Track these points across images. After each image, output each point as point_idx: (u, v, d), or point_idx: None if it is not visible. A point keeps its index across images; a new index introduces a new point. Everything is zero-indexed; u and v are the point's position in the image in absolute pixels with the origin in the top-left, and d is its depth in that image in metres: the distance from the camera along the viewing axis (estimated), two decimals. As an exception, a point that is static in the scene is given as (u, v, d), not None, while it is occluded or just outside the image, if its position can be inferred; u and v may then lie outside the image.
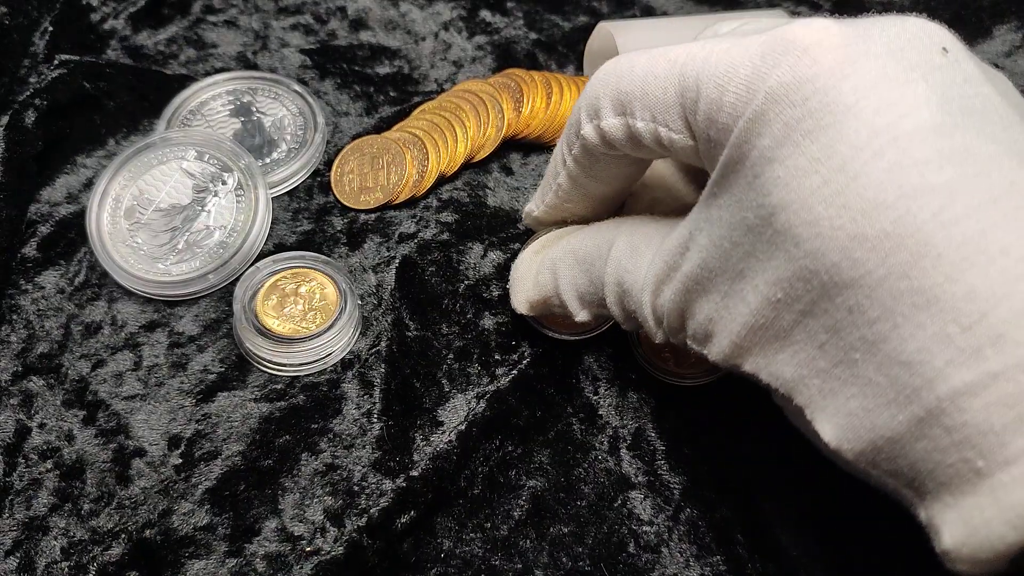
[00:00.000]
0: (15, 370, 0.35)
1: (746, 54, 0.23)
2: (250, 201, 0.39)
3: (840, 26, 0.22)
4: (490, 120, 0.41)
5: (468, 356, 0.36)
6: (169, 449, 0.34)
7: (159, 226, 0.38)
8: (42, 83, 0.41)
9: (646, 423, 0.34)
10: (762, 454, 0.35)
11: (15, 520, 0.32)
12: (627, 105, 0.26)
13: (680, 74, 0.24)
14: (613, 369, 0.36)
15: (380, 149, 0.41)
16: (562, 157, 0.30)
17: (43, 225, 0.39)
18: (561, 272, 0.31)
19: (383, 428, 0.34)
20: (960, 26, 0.51)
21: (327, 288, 0.37)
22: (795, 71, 0.22)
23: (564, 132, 0.30)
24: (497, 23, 0.49)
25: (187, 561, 0.31)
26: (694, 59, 0.24)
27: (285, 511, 0.32)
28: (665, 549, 0.32)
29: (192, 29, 0.47)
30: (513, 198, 0.42)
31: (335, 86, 0.46)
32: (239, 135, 0.42)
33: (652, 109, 0.25)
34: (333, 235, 0.40)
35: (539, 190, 0.33)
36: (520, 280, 0.33)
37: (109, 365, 0.36)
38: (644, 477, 0.33)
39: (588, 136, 0.28)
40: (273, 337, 0.35)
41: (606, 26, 0.42)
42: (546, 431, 0.35)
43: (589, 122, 0.27)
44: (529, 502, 0.33)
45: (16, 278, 0.38)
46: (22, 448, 0.34)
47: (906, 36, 0.23)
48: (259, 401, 0.35)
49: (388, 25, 0.49)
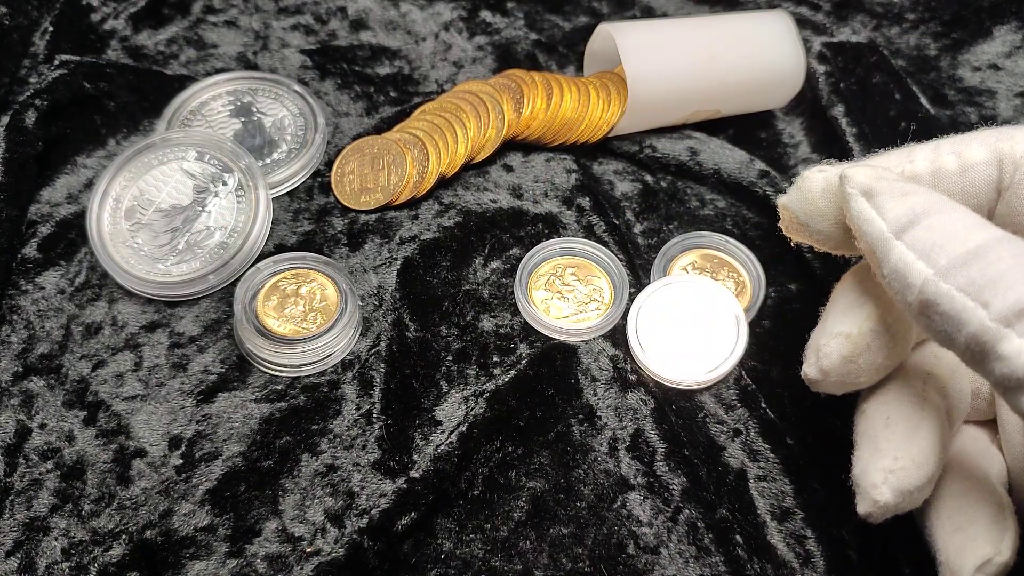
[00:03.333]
0: (15, 370, 0.35)
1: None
2: (251, 202, 0.39)
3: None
4: (490, 121, 0.41)
5: (467, 357, 0.36)
6: (170, 450, 0.34)
7: (160, 227, 0.38)
8: (42, 83, 0.41)
9: (645, 424, 0.34)
10: (762, 454, 0.35)
11: (16, 520, 0.32)
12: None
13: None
14: (612, 370, 0.36)
15: (381, 150, 0.41)
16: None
17: (43, 225, 0.39)
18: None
19: (383, 428, 0.34)
20: (960, 26, 0.52)
21: (328, 289, 0.37)
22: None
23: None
24: (497, 23, 0.49)
25: (187, 562, 0.31)
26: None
27: (285, 512, 0.32)
28: (664, 550, 0.32)
29: (192, 29, 0.47)
30: (513, 199, 0.42)
31: (335, 86, 0.46)
32: (239, 135, 0.42)
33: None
34: (334, 236, 0.40)
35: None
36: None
37: (110, 365, 0.36)
38: (643, 478, 0.34)
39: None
40: (274, 338, 0.35)
41: (606, 27, 0.42)
42: (546, 432, 0.35)
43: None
44: (529, 503, 0.33)
45: (16, 278, 0.38)
46: (22, 448, 0.34)
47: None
48: (259, 402, 0.35)
49: (388, 25, 0.49)
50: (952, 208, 0.25)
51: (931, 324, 0.24)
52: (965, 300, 0.22)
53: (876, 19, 0.53)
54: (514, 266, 0.39)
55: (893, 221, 0.25)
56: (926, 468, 0.27)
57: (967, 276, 0.23)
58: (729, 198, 0.44)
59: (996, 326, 0.22)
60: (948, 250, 0.23)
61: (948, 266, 0.23)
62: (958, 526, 0.27)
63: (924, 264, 0.24)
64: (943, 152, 0.27)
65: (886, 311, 0.28)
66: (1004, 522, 0.27)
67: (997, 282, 0.22)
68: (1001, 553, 0.26)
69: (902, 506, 0.27)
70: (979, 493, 0.28)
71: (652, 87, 0.41)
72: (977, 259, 0.23)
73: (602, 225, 0.41)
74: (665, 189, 0.44)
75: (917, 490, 0.26)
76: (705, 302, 0.37)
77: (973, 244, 0.23)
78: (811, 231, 0.29)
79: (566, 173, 0.43)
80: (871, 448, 0.27)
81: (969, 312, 0.22)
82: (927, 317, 0.24)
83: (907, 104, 0.46)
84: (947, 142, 0.28)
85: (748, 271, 0.39)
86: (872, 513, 0.26)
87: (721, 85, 0.43)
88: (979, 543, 0.27)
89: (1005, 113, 0.48)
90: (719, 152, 0.44)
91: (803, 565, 0.32)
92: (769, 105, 0.46)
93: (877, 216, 0.25)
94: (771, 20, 0.44)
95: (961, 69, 0.50)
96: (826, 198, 0.28)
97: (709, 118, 0.45)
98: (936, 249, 0.24)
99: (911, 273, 0.24)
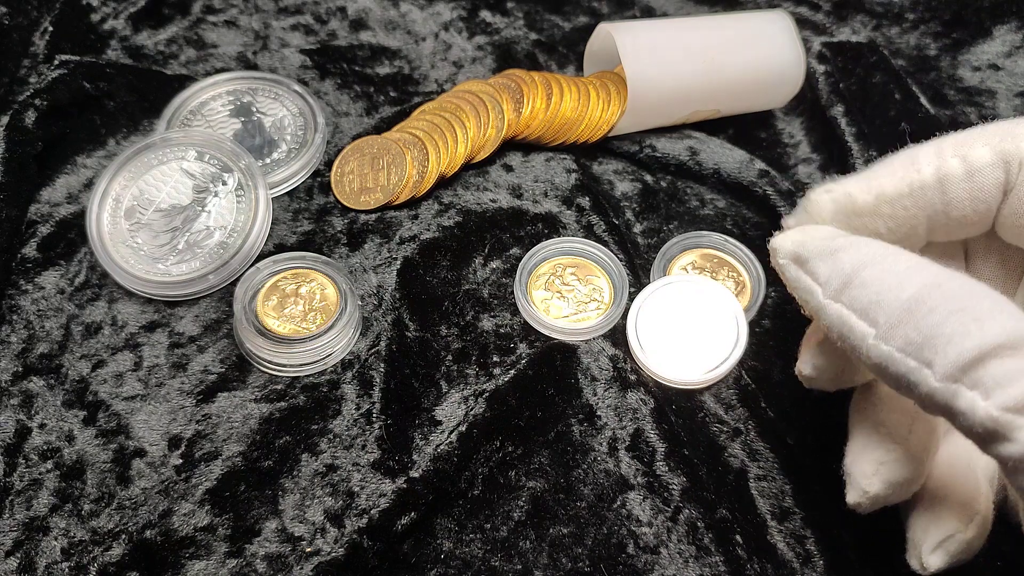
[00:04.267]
0: (15, 370, 0.35)
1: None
2: (250, 201, 0.39)
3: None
4: (490, 121, 0.41)
5: (467, 357, 0.36)
6: (169, 449, 0.34)
7: (159, 226, 0.38)
8: (42, 83, 0.41)
9: (645, 424, 0.34)
10: (762, 454, 0.35)
11: (15, 520, 0.32)
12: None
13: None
14: (612, 370, 0.36)
15: (380, 149, 0.41)
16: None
17: (43, 225, 0.39)
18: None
19: (383, 428, 0.34)
20: (960, 26, 0.52)
21: (327, 289, 0.37)
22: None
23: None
24: (497, 23, 0.49)
25: (187, 562, 0.31)
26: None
27: (285, 512, 0.32)
28: (664, 550, 0.32)
29: (192, 29, 0.47)
30: (513, 199, 0.42)
31: (335, 86, 0.46)
32: (239, 135, 0.42)
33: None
34: (333, 235, 0.40)
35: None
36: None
37: (109, 365, 0.36)
38: (643, 478, 0.34)
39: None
40: (273, 338, 0.35)
41: (606, 27, 0.42)
42: (546, 432, 0.35)
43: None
44: (529, 503, 0.33)
45: (16, 278, 0.38)
46: (22, 448, 0.34)
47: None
48: (259, 402, 0.35)
49: (388, 25, 0.49)
50: (883, 256, 0.24)
51: (889, 381, 0.24)
52: (907, 362, 0.22)
53: (876, 19, 0.53)
54: (514, 266, 0.39)
55: (827, 284, 0.25)
56: (917, 460, 0.27)
57: (904, 336, 0.22)
58: (729, 198, 0.44)
59: (944, 385, 0.21)
60: (884, 307, 0.23)
61: (886, 324, 0.23)
62: (929, 506, 0.28)
63: (866, 324, 0.23)
64: (947, 156, 0.27)
65: None
66: (976, 505, 0.27)
67: (934, 338, 0.22)
68: (964, 531, 0.26)
69: (891, 498, 0.27)
70: (957, 479, 0.28)
71: (652, 87, 0.41)
72: (911, 315, 0.22)
73: (602, 225, 0.41)
74: (665, 189, 0.44)
75: (907, 482, 0.27)
76: (705, 302, 0.37)
77: (906, 295, 0.23)
78: None
79: (566, 173, 0.43)
80: (864, 439, 0.28)
81: (915, 374, 0.22)
82: (883, 375, 0.23)
83: (907, 104, 0.46)
84: (950, 143, 0.27)
85: (748, 271, 0.39)
86: (861, 503, 0.27)
87: (721, 85, 0.43)
88: (945, 521, 0.27)
89: (1005, 113, 0.48)
90: (719, 152, 0.44)
91: (803, 565, 0.32)
92: (769, 105, 0.46)
93: (812, 282, 0.25)
94: (771, 20, 0.44)
95: (961, 69, 0.50)
96: (837, 218, 0.28)
97: (709, 118, 0.45)
98: (873, 307, 0.23)
99: (854, 335, 0.24)
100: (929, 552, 0.26)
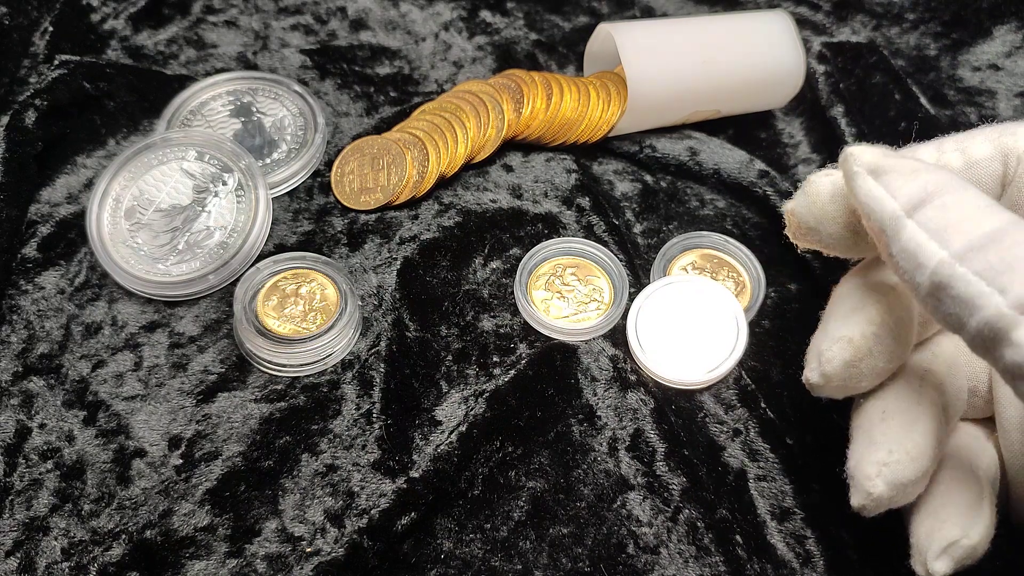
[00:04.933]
0: (15, 370, 0.35)
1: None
2: (250, 201, 0.39)
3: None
4: (490, 121, 0.41)
5: (467, 357, 0.36)
6: (169, 450, 0.34)
7: (159, 226, 0.38)
8: (42, 83, 0.41)
9: (645, 424, 0.34)
10: (762, 454, 0.35)
11: (15, 520, 0.32)
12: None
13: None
14: (612, 370, 0.36)
15: (380, 150, 0.41)
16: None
17: (43, 225, 0.39)
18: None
19: (383, 428, 0.34)
20: (960, 26, 0.52)
21: (327, 289, 0.37)
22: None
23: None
24: (497, 23, 0.49)
25: (187, 562, 0.31)
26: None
27: (285, 512, 0.32)
28: (664, 550, 0.32)
29: (192, 29, 0.47)
30: (513, 199, 0.42)
31: (335, 86, 0.46)
32: (239, 135, 0.42)
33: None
34: (333, 236, 0.40)
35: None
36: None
37: (109, 365, 0.36)
38: (643, 478, 0.34)
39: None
40: (273, 338, 0.35)
41: (606, 27, 0.42)
42: (546, 432, 0.35)
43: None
44: (529, 503, 0.33)
45: (16, 278, 0.38)
46: (22, 448, 0.34)
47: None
48: (259, 402, 0.35)
49: (388, 25, 0.49)
50: (964, 188, 0.24)
51: (940, 307, 0.23)
52: (981, 285, 0.22)
53: (876, 19, 0.53)
54: (514, 266, 0.39)
55: (904, 199, 0.24)
56: (921, 462, 0.27)
57: (985, 260, 0.22)
58: (729, 198, 0.44)
59: (1012, 313, 0.21)
60: (963, 232, 0.23)
61: (964, 248, 0.23)
62: (932, 510, 0.27)
63: (937, 245, 0.23)
64: (947, 150, 0.27)
65: (888, 314, 0.28)
66: (980, 510, 0.27)
67: (1016, 268, 0.22)
68: (969, 536, 0.26)
69: (896, 500, 0.27)
70: (960, 482, 0.28)
71: (652, 87, 0.41)
72: (994, 243, 0.22)
73: (602, 225, 0.41)
74: (665, 189, 0.44)
75: (911, 484, 0.26)
76: (705, 302, 0.37)
77: (988, 227, 0.23)
78: (820, 235, 0.29)
79: (566, 173, 0.43)
80: (866, 441, 0.27)
81: (985, 297, 0.22)
82: (937, 299, 0.23)
83: (907, 104, 0.46)
84: (950, 140, 0.27)
85: (748, 271, 0.39)
86: (865, 505, 0.26)
87: (721, 85, 0.43)
88: (949, 526, 0.27)
89: (1005, 113, 0.48)
90: (719, 152, 0.44)
91: (803, 565, 0.32)
92: (769, 105, 0.46)
93: (886, 194, 0.25)
94: (771, 20, 0.44)
95: (961, 69, 0.50)
96: (835, 201, 0.28)
97: (709, 118, 0.45)
98: (950, 230, 0.23)
99: (923, 254, 0.23)
100: (934, 558, 0.26)
